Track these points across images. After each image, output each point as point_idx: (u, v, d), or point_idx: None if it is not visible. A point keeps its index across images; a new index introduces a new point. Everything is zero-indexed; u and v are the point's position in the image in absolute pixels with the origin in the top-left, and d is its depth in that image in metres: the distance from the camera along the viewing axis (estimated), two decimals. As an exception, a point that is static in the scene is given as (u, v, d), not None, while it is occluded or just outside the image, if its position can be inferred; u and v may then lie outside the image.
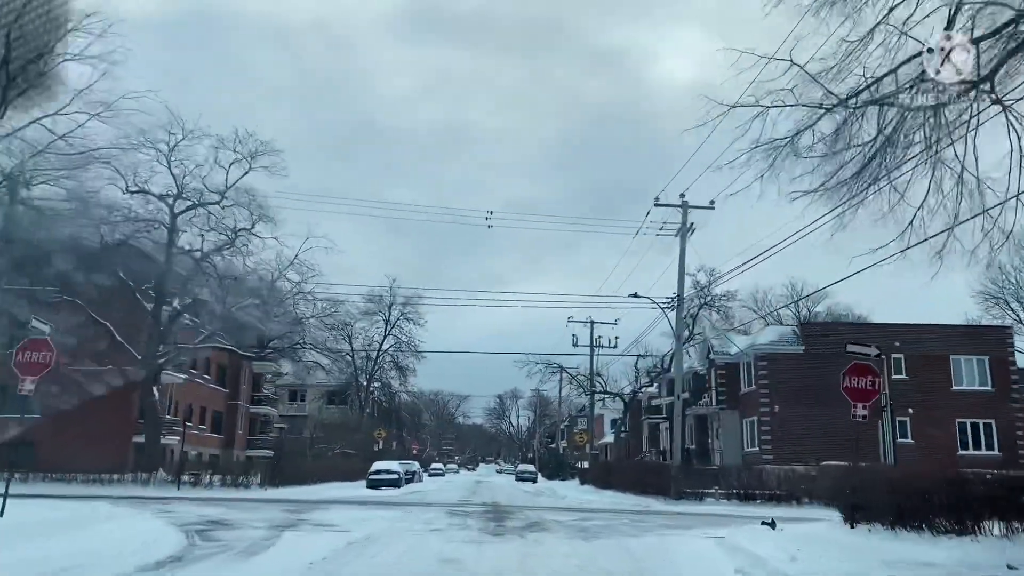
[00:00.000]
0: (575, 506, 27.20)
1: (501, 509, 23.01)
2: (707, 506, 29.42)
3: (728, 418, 42.31)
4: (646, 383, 50.99)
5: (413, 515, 19.32)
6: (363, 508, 21.57)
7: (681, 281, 32.61)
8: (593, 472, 51.39)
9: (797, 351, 39.51)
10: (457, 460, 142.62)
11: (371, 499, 28.04)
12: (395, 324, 67.35)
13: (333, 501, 25.14)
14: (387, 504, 24.29)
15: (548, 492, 38.66)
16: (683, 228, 32.70)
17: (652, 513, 24.04)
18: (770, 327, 40.42)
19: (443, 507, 23.38)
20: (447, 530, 15.56)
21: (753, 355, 40.32)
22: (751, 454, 40.24)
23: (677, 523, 19.69)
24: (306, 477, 38.63)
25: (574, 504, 28.63)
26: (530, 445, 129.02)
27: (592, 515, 21.63)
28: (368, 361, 67.65)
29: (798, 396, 38.40)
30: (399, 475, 42.35)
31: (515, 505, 25.85)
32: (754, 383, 40.28)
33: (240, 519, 17.05)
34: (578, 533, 15.83)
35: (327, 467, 46.33)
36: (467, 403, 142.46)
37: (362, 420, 66.18)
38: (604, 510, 24.98)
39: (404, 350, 67.57)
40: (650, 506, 28.84)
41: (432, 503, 25.78)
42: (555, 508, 24.95)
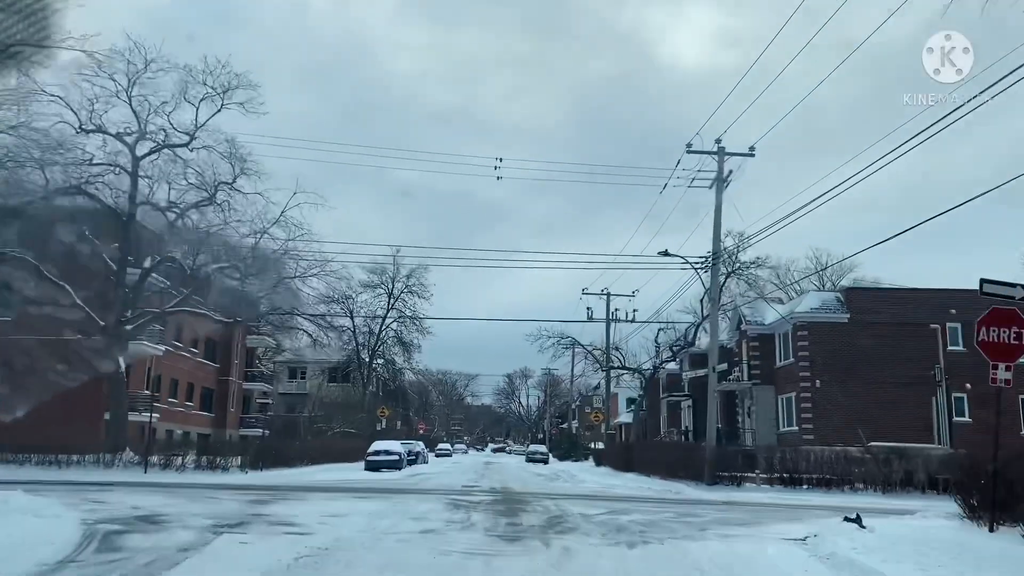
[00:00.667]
0: (599, 492, 23.42)
1: (513, 498, 19.21)
2: (748, 492, 25.60)
3: (761, 394, 38.41)
4: (668, 358, 47.08)
5: (405, 507, 15.54)
6: (346, 497, 17.80)
7: (717, 236, 28.64)
8: (611, 453, 47.66)
9: (841, 319, 35.52)
10: (466, 440, 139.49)
11: (362, 484, 24.33)
12: (399, 297, 63.56)
13: (315, 488, 21.42)
14: (378, 491, 20.52)
15: (564, 475, 34.92)
16: (718, 177, 28.65)
17: (692, 503, 20.20)
18: (811, 293, 36.43)
19: (444, 495, 19.60)
20: (444, 531, 11.75)
21: (792, 324, 36.35)
22: (788, 434, 36.39)
23: (733, 517, 15.88)
24: (296, 458, 34.98)
25: (597, 490, 24.85)
26: (540, 426, 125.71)
27: (624, 505, 17.83)
28: (371, 336, 63.95)
29: (842, 369, 34.48)
30: (400, 456, 38.68)
31: (529, 492, 22.06)
32: (792, 355, 36.33)
33: (179, 513, 13.28)
34: (617, 534, 12.00)
35: (323, 447, 42.70)
36: (476, 383, 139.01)
37: (364, 398, 62.55)
38: (635, 498, 21.17)
39: (408, 324, 63.81)
40: (683, 492, 25.06)
41: (432, 489, 22.00)
42: (577, 496, 21.15)
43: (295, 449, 35.87)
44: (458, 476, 32.55)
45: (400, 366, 65.25)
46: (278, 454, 32.34)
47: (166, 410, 42.51)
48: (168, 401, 43.37)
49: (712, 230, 28.81)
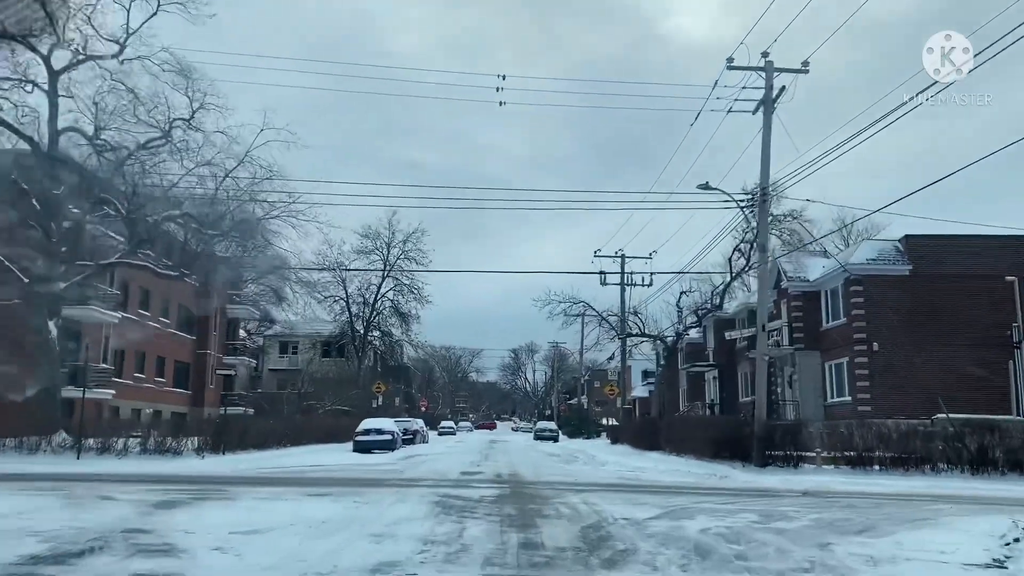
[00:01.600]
0: (631, 480, 18.63)
1: (525, 491, 14.40)
2: (811, 476, 20.81)
3: (805, 361, 33.55)
4: (692, 323, 42.21)
5: (373, 511, 10.78)
6: (297, 495, 12.98)
7: (765, 167, 23.60)
8: (628, 429, 42.98)
9: (901, 271, 30.59)
10: (471, 418, 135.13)
11: (336, 472, 19.62)
12: (394, 265, 58.69)
13: (270, 479, 16.70)
14: (349, 483, 15.74)
15: (580, 456, 30.16)
16: (766, 97, 23.62)
17: (757, 493, 15.43)
18: (865, 242, 31.52)
19: (435, 487, 14.85)
20: (414, 566, 6.94)
21: (843, 279, 31.44)
22: (838, 405, 31.60)
23: (836, 518, 11.17)
24: (273, 439, 30.33)
25: (627, 476, 20.08)
26: (547, 402, 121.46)
27: (677, 501, 13.05)
28: (365, 307, 59.17)
29: (904, 330, 29.58)
30: (393, 435, 34.04)
31: (544, 481, 17.27)
32: (844, 315, 31.45)
33: (19, 529, 8.53)
34: (703, 564, 7.23)
35: (309, 426, 38.06)
36: (480, 359, 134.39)
37: (359, 374, 57.89)
38: (681, 488, 16.37)
39: (406, 294, 59.01)
40: (732, 477, 20.33)
41: (421, 479, 17.19)
42: (607, 486, 16.34)
43: (270, 428, 31.14)
44: (458, 458, 27.85)
45: (398, 338, 60.38)
46: (246, 434, 27.62)
47: (130, 387, 37.92)
48: (134, 376, 38.74)
49: (760, 160, 23.85)
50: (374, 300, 58.80)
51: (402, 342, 60.65)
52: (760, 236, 24.11)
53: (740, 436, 24.68)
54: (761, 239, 24.01)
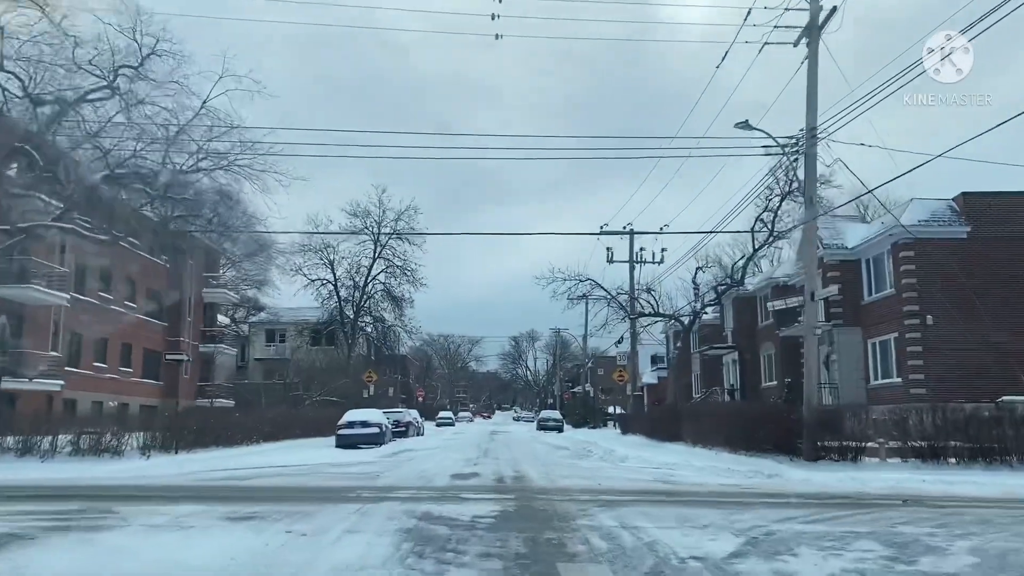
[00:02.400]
0: (668, 483, 14.81)
1: (537, 508, 10.49)
2: (880, 472, 17.07)
3: (844, 338, 29.74)
4: (711, 301, 38.38)
5: (297, 555, 6.95)
6: (213, 517, 9.09)
7: (812, 103, 19.76)
8: (642, 418, 39.20)
9: (958, 234, 26.80)
10: (471, 408, 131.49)
11: (294, 478, 15.85)
12: (386, 245, 54.85)
13: (195, 492, 12.85)
14: (296, 497, 11.91)
15: (594, 449, 26.34)
16: (811, 22, 19.74)
17: (839, 501, 11.65)
18: (915, 201, 27.61)
19: (414, 500, 11.04)
20: None
21: (890, 244, 27.65)
22: (885, 388, 27.84)
23: (991, 547, 7.41)
24: (243, 434, 26.57)
25: (660, 477, 16.27)
26: (549, 390, 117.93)
27: (747, 515, 9.30)
28: (355, 291, 55.32)
29: (962, 300, 25.72)
30: (381, 428, 30.27)
31: (559, 487, 13.41)
32: (892, 285, 27.65)
33: None
34: None
35: (289, 419, 34.29)
36: (480, 348, 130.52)
37: (350, 362, 54.09)
38: (737, 494, 12.60)
39: (398, 276, 55.15)
40: (785, 476, 16.63)
41: (399, 486, 13.33)
42: (641, 494, 12.52)
43: (238, 422, 27.34)
44: (453, 454, 24.07)
45: (390, 323, 56.54)
46: (207, 430, 23.83)
47: (89, 378, 34.14)
48: (93, 366, 34.94)
49: (805, 98, 19.98)
50: (364, 283, 55.01)
51: (395, 327, 56.75)
52: (807, 187, 20.21)
53: (783, 425, 20.92)
54: (808, 190, 20.11)
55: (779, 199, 35.69)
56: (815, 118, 19.90)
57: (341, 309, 54.57)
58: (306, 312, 59.85)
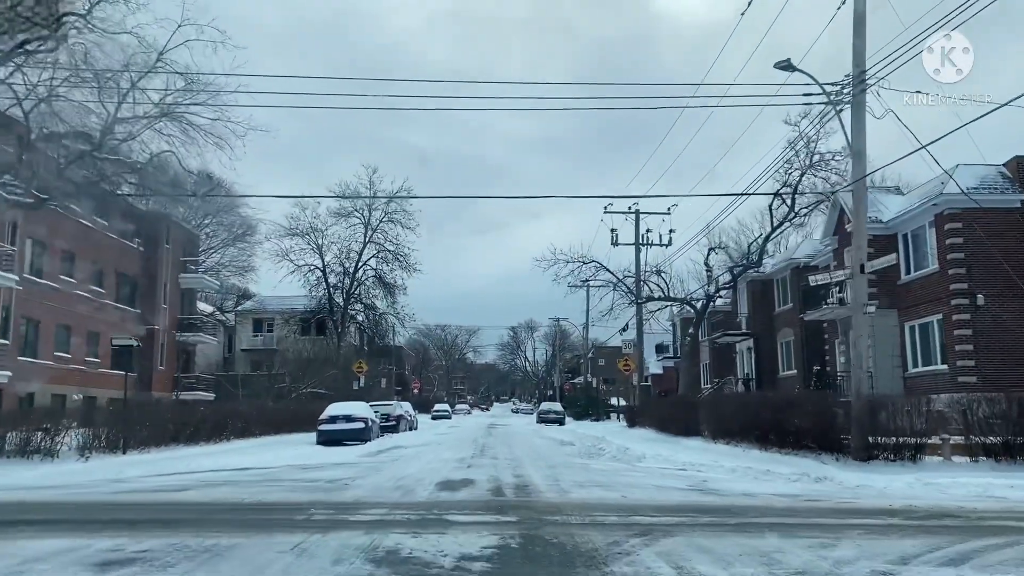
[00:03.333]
0: (707, 494, 11.94)
1: (548, 539, 7.47)
2: (952, 474, 14.34)
3: (879, 322, 26.79)
4: (726, 284, 35.47)
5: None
6: (55, 572, 6.23)
7: (859, 46, 16.89)
8: (652, 411, 36.32)
9: (1011, 202, 23.96)
10: (469, 400, 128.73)
11: (244, 487, 12.97)
12: (377, 228, 51.87)
13: (78, 516, 9.92)
14: (221, 523, 8.96)
15: (605, 447, 23.37)
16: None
17: (935, 523, 8.82)
18: (960, 167, 24.67)
19: (380, 527, 8.12)
20: None
21: (934, 215, 24.80)
22: (926, 376, 25.04)
23: None
24: (204, 431, 23.69)
25: (695, 484, 13.44)
26: (548, 382, 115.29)
27: (846, 551, 6.50)
28: (345, 277, 52.34)
29: (1017, 277, 22.89)
30: (366, 423, 27.44)
31: (574, 502, 10.44)
32: (935, 260, 24.80)
33: None
34: None
35: (269, 414, 31.49)
36: (478, 338, 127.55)
37: (339, 352, 51.18)
38: (801, 510, 9.73)
39: (391, 261, 52.17)
40: (836, 479, 13.94)
41: (366, 502, 10.32)
42: (682, 511, 9.58)
43: (204, 418, 24.45)
44: (445, 453, 21.20)
45: (382, 311, 53.61)
46: (164, 426, 20.97)
47: (49, 368, 31.24)
48: (54, 356, 32.03)
49: (851, 38, 17.09)
50: (354, 269, 52.02)
51: (387, 316, 53.77)
52: (855, 139, 17.30)
53: (823, 418, 18.11)
54: (857, 144, 17.20)
55: (799, 173, 32.94)
56: (863, 60, 17.00)
57: (330, 296, 51.62)
58: (295, 300, 56.95)
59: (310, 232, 50.87)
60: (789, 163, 31.50)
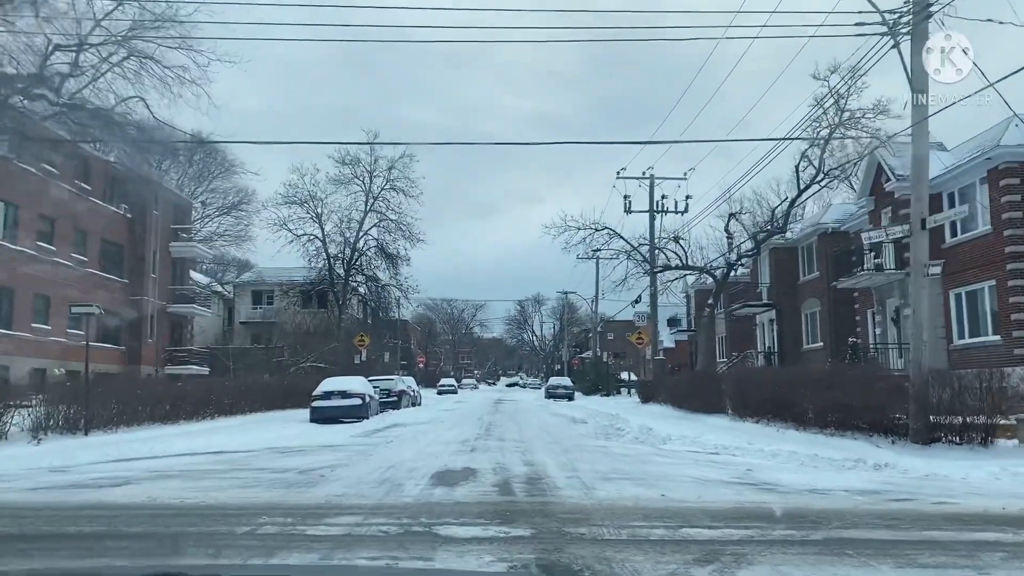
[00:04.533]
0: (769, 491, 9.70)
1: (577, 567, 5.51)
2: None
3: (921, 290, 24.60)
4: (748, 251, 33.15)
5: None
6: None
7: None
8: (669, 386, 34.23)
9: (1077, 156, 21.55)
10: (476, 375, 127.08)
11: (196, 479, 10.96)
12: (378, 196, 49.59)
13: None
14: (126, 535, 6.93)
15: (622, 425, 21.27)
16: None
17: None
18: (1015, 120, 22.30)
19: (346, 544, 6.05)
20: None
21: (984, 172, 22.45)
22: (974, 349, 22.82)
23: None
24: (186, 409, 21.73)
25: (744, 476, 11.21)
26: (556, 356, 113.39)
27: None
28: (346, 247, 50.17)
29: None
30: (364, 400, 25.42)
31: (603, 502, 8.24)
32: (987, 221, 22.50)
33: None
34: None
35: (257, 389, 29.55)
36: (484, 312, 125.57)
37: (340, 326, 49.18)
38: (897, 519, 7.62)
39: (393, 231, 49.96)
40: (896, 464, 12.13)
41: (335, 508, 8.12)
42: (750, 520, 7.44)
43: (183, 394, 22.46)
44: (447, 433, 19.16)
45: (384, 282, 51.45)
46: (137, 403, 18.98)
47: (25, 341, 29.32)
48: (31, 328, 30.08)
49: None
50: (355, 239, 49.82)
51: (390, 287, 51.60)
52: (914, 77, 15.01)
53: (876, 396, 15.99)
54: (918, 80, 14.89)
55: (828, 132, 30.60)
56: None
57: (331, 267, 49.45)
58: (295, 272, 54.89)
59: (309, 200, 48.69)
60: (817, 122, 29.31)
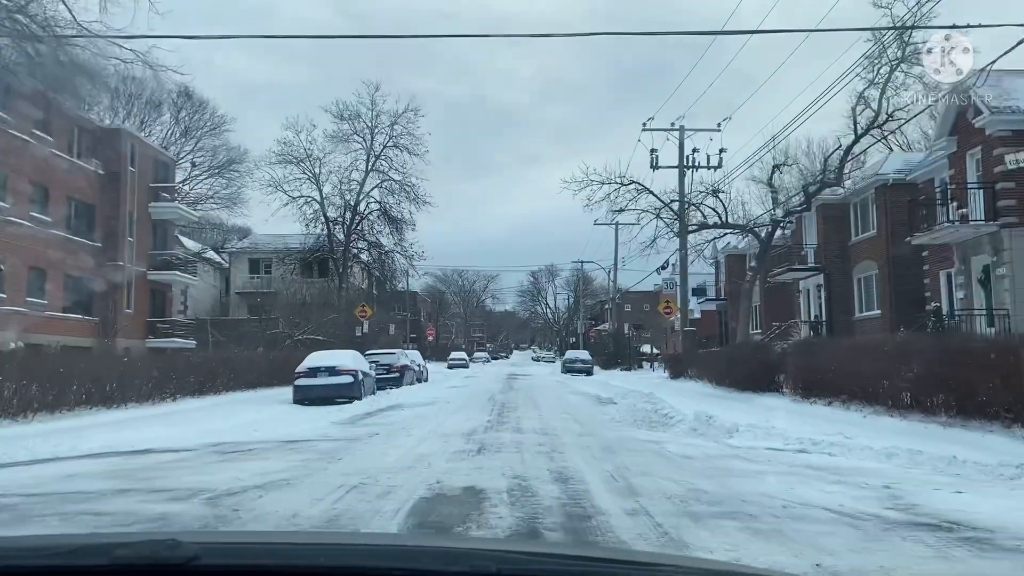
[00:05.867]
0: (986, 559, 6.07)
1: None
2: None
3: (1018, 244, 20.67)
4: (798, 206, 29.10)
5: None
6: None
7: None
8: (705, 359, 30.41)
9: None
10: (488, 348, 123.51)
11: (38, 510, 7.22)
12: (380, 154, 45.67)
13: None
14: None
15: (665, 408, 17.44)
16: None
17: None
18: None
19: None
20: None
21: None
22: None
23: None
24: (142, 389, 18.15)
25: (893, 501, 7.43)
26: (570, 328, 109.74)
27: None
28: (346, 211, 46.38)
29: None
30: (356, 377, 21.74)
31: None
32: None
33: None
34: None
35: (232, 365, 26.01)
36: (497, 284, 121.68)
37: (340, 295, 45.54)
38: None
39: (396, 193, 46.12)
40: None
41: None
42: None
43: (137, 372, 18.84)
44: (449, 421, 15.41)
45: (388, 248, 47.71)
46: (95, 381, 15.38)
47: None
48: (-16, 296, 26.55)
49: None
50: (356, 201, 45.98)
51: (394, 254, 47.81)
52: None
53: (1003, 373, 12.14)
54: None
55: (888, 69, 26.59)
56: None
57: (330, 232, 45.74)
58: (295, 239, 51.23)
59: (306, 159, 44.84)
60: (872, 59, 25.40)
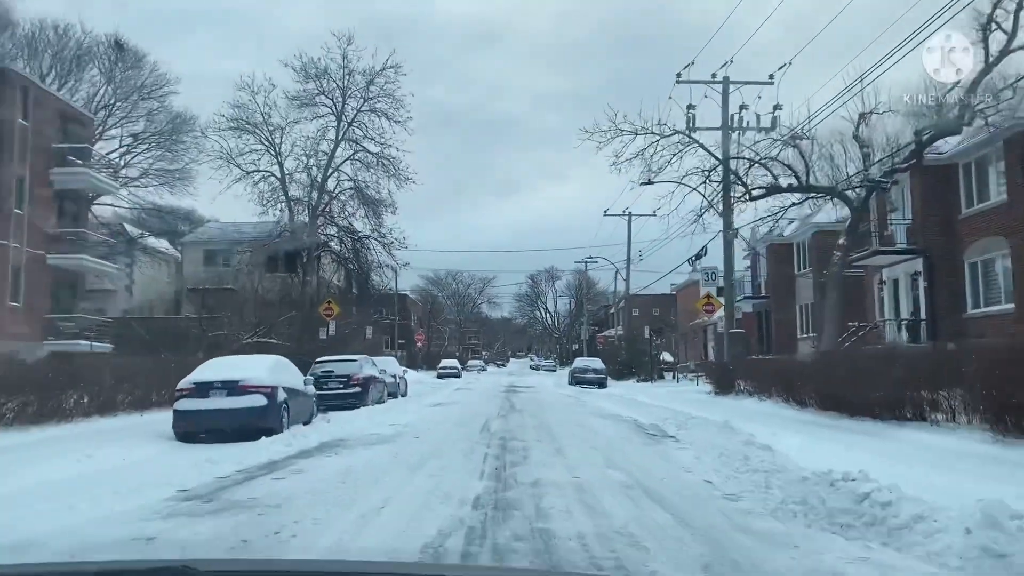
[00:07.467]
0: None
1: None
2: None
3: None
4: (905, 161, 21.44)
5: None
6: None
7: None
8: (762, 369, 22.79)
9: None
10: (483, 356, 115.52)
11: None
12: (353, 120, 38.05)
13: None
14: None
15: (753, 448, 9.86)
16: None
17: None
18: None
19: None
20: None
21: None
22: None
23: None
24: None
25: None
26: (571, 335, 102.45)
27: None
28: (312, 189, 38.72)
29: None
30: (272, 398, 13.99)
31: None
32: None
33: None
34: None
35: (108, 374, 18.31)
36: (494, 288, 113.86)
37: (304, 291, 37.87)
38: None
39: (373, 168, 38.52)
40: None
41: None
42: None
43: None
44: (405, 488, 7.79)
45: (363, 234, 40.03)
46: None
47: None
48: None
49: None
50: (323, 177, 38.33)
51: (370, 240, 40.12)
52: None
53: None
54: None
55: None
56: None
57: (292, 214, 38.16)
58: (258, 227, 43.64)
59: (263, 126, 37.23)
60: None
